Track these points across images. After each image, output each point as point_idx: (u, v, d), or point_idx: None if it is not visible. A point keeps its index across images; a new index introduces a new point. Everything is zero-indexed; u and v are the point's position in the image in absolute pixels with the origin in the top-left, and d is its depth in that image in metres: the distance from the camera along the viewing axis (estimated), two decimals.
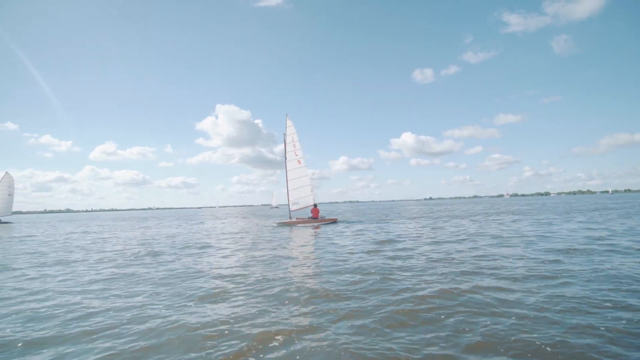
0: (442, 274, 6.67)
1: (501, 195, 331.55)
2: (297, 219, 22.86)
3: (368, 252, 9.79)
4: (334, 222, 23.14)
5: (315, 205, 22.98)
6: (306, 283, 6.34)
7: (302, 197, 23.07)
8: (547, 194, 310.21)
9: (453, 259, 8.17)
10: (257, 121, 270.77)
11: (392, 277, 6.54)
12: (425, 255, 8.78)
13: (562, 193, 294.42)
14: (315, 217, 22.51)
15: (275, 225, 23.16)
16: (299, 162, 23.69)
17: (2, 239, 18.63)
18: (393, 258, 8.65)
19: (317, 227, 19.70)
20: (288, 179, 23.23)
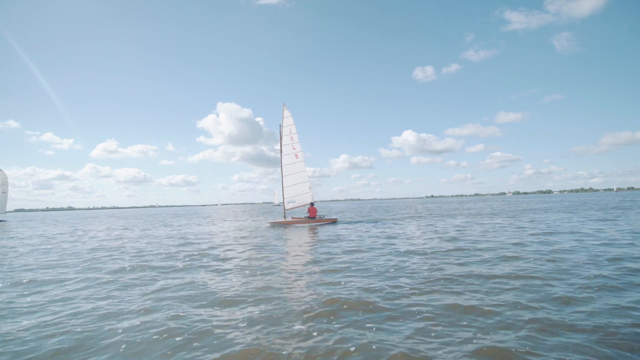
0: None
1: (503, 194, 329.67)
2: (292, 218, 20.83)
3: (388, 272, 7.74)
4: (334, 222, 21.11)
5: (312, 204, 20.93)
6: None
7: (299, 195, 21.01)
8: (549, 192, 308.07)
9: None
10: (258, 119, 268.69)
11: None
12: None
13: (564, 191, 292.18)
14: (313, 216, 20.48)
15: (268, 225, 21.14)
16: (297, 156, 21.62)
17: None
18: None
19: (314, 229, 17.71)
20: (283, 174, 21.16)
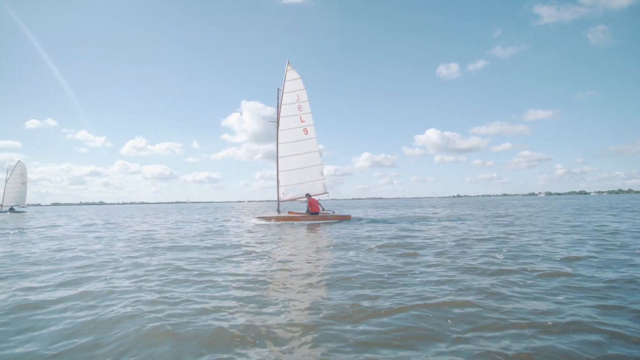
0: None
1: (533, 194, 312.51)
2: (290, 213, 15.16)
3: None
4: (346, 220, 15.38)
5: (309, 195, 15.22)
6: None
7: (305, 183, 15.29)
8: (583, 193, 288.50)
9: None
10: None
11: None
12: None
13: (602, 192, 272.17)
14: (315, 211, 14.80)
15: (254, 222, 15.68)
16: (306, 131, 15.93)
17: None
18: None
19: (316, 228, 12.20)
20: (283, 154, 15.48)
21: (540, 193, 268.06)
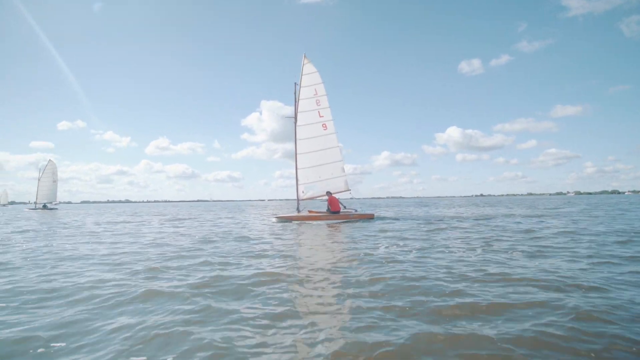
0: None
1: (561, 193, 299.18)
2: (309, 212, 14.57)
3: None
4: (369, 218, 14.65)
5: (330, 194, 14.57)
6: None
7: (325, 180, 14.68)
8: (616, 192, 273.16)
9: None
10: None
11: None
12: None
13: (637, 191, 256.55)
14: (336, 210, 14.16)
15: (274, 220, 15.21)
16: (325, 126, 15.34)
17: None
18: None
19: (337, 227, 11.58)
20: (300, 151, 14.94)
21: (569, 192, 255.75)
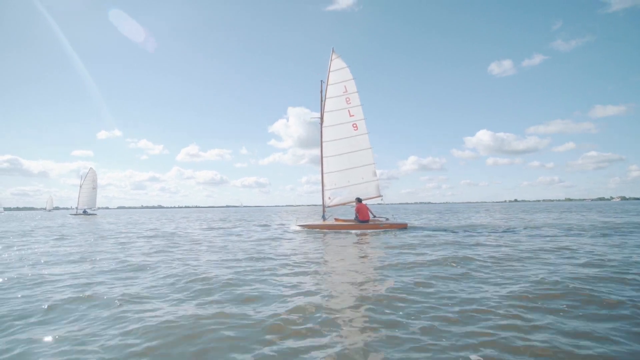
0: None
1: (603, 199, 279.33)
2: (336, 220, 13.24)
3: None
4: (402, 228, 13.13)
5: (359, 200, 13.25)
6: None
7: (356, 184, 13.36)
8: None
9: None
10: None
11: None
12: None
13: None
14: (364, 219, 12.77)
15: (298, 228, 13.88)
16: (355, 126, 14.07)
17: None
18: None
19: (365, 238, 10.25)
20: (327, 154, 13.72)
21: (613, 198, 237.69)
